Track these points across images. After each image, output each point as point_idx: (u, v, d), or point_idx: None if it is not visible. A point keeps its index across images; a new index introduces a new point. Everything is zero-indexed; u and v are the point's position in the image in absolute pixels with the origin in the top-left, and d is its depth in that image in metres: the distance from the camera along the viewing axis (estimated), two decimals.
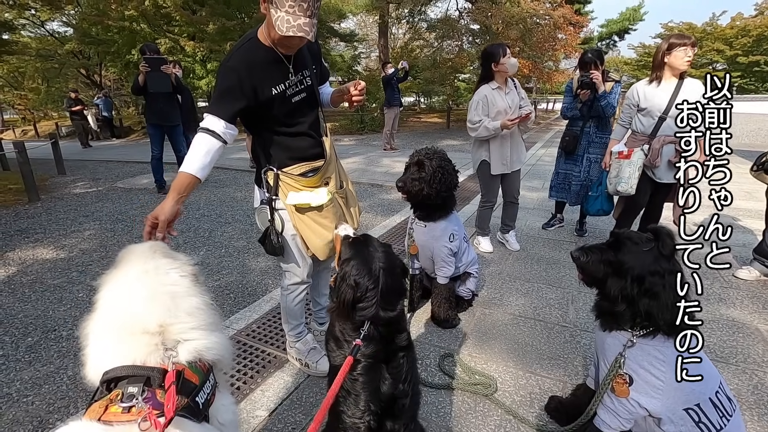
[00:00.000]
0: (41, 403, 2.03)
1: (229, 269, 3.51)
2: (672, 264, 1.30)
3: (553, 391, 1.99)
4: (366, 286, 1.28)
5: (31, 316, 2.81)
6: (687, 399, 1.30)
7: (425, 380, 2.05)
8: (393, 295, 1.32)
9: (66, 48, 18.02)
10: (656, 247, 1.32)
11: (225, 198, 5.88)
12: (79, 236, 4.35)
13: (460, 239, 2.50)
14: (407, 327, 1.40)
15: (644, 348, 1.35)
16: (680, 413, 1.30)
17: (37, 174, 6.49)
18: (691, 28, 23.23)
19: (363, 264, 1.31)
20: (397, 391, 1.22)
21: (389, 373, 1.24)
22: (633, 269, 1.32)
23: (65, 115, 25.99)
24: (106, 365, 0.98)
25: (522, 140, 3.54)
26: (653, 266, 1.30)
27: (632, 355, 1.36)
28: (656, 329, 1.32)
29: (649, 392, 1.32)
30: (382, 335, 1.28)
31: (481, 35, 15.01)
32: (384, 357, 1.27)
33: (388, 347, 1.29)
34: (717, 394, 1.32)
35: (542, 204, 5.18)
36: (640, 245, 1.34)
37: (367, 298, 1.28)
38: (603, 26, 27.89)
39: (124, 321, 1.03)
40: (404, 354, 1.30)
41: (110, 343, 1.02)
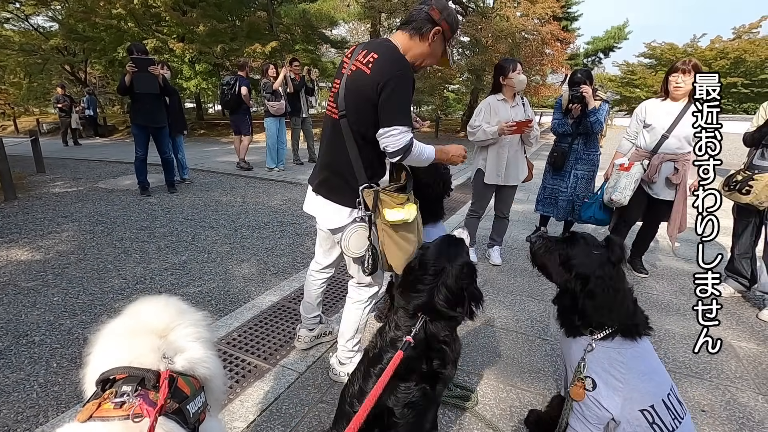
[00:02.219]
0: (9, 412, 1.95)
1: (211, 275, 3.46)
2: (616, 272, 1.40)
3: (533, 404, 2.01)
4: (431, 268, 1.43)
5: (2, 320, 2.71)
6: (642, 400, 1.34)
7: None
8: (453, 293, 1.42)
9: (50, 43, 17.59)
10: (605, 254, 1.41)
11: (210, 202, 5.80)
12: (57, 237, 4.23)
13: None
14: (446, 359, 1.41)
15: (605, 351, 1.40)
16: (636, 414, 1.34)
17: (14, 171, 6.31)
18: (673, 48, 24.02)
19: (439, 253, 1.49)
20: (396, 409, 1.22)
21: (399, 392, 1.25)
22: (579, 266, 1.42)
23: (46, 111, 25.41)
24: (105, 366, 1.02)
25: (525, 158, 3.51)
26: (598, 270, 1.39)
27: (594, 358, 1.41)
28: (614, 332, 1.40)
29: (610, 394, 1.37)
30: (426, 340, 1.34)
31: (471, 48, 15.24)
32: (402, 374, 1.28)
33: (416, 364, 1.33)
34: (669, 396, 1.37)
35: (527, 216, 5.25)
36: (590, 247, 1.44)
37: (425, 280, 1.42)
38: (589, 43, 28.67)
39: (132, 324, 1.11)
40: (426, 384, 1.32)
41: (114, 344, 1.08)
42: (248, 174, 7.73)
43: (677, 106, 3.11)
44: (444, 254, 1.50)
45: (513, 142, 3.39)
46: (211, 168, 8.34)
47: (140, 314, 1.15)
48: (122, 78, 5.50)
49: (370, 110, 1.66)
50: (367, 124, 1.70)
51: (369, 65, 1.65)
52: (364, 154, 1.76)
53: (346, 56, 1.82)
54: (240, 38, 14.71)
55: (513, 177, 3.47)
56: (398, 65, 1.65)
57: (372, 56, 1.66)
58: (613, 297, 1.39)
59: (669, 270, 3.68)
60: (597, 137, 3.82)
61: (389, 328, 1.42)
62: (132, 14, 13.69)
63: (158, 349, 1.06)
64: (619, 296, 1.40)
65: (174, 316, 1.16)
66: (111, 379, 1.00)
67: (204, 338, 1.19)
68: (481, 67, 14.31)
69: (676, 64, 3.07)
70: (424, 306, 1.39)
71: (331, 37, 20.45)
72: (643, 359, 1.39)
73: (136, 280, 3.33)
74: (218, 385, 1.21)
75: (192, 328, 1.17)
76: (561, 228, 4.23)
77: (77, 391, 2.09)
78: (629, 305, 1.43)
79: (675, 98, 3.12)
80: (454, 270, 1.45)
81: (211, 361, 1.18)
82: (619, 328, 1.39)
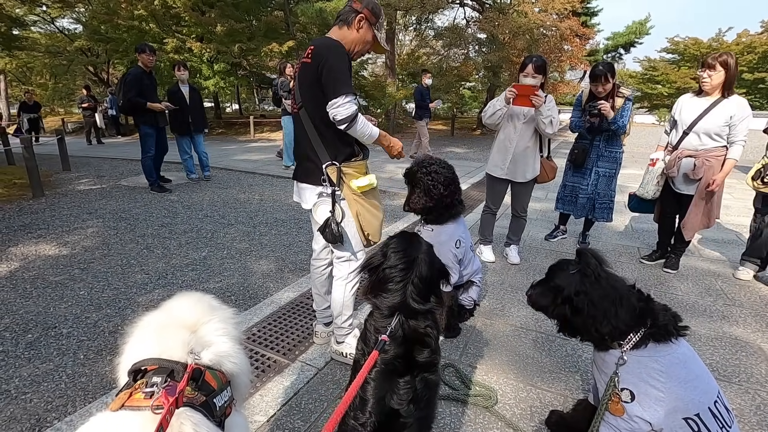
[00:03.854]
0: (39, 401, 2.02)
1: (231, 271, 3.51)
2: (595, 280, 1.39)
3: (554, 405, 1.98)
4: (398, 265, 1.38)
5: (32, 312, 2.81)
6: (687, 409, 1.29)
7: None
8: (425, 287, 1.39)
9: (75, 45, 18.14)
10: (583, 268, 1.42)
11: (228, 199, 5.89)
12: (82, 233, 4.36)
13: (466, 246, 2.48)
14: (434, 346, 1.36)
15: (641, 360, 1.35)
16: (680, 422, 1.30)
17: (42, 170, 6.52)
18: (697, 43, 23.29)
19: (403, 245, 1.44)
20: (403, 409, 1.20)
21: (401, 389, 1.22)
22: (563, 291, 1.43)
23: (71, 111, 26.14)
24: (138, 357, 1.05)
25: (537, 156, 3.40)
26: (578, 286, 1.40)
27: (630, 369, 1.36)
28: (644, 338, 1.35)
29: (651, 405, 1.32)
30: (407, 336, 1.30)
31: (488, 44, 15.09)
32: (402, 369, 1.27)
33: (408, 357, 1.30)
34: (716, 404, 1.31)
35: (545, 215, 5.18)
36: (567, 269, 1.46)
37: (395, 278, 1.37)
38: (609, 39, 27.99)
39: (165, 318, 1.16)
40: (424, 375, 1.29)
41: (147, 336, 1.12)
42: (266, 172, 7.82)
43: (706, 102, 3.09)
44: (407, 248, 1.44)
45: (523, 137, 3.30)
46: (229, 166, 8.46)
47: (173, 309, 1.19)
48: (143, 103, 5.69)
49: (319, 94, 1.87)
50: (321, 108, 1.89)
51: (309, 56, 1.90)
52: (325, 136, 1.96)
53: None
54: (257, 38, 14.86)
55: (520, 173, 3.38)
56: (330, 45, 1.89)
57: (310, 49, 1.92)
58: (601, 305, 1.37)
59: (694, 270, 3.58)
60: (620, 136, 3.73)
61: (370, 333, 1.38)
62: (153, 15, 13.98)
63: (187, 343, 1.09)
64: (607, 302, 1.37)
65: (204, 312, 1.20)
66: (143, 369, 1.03)
67: (232, 334, 1.22)
68: (497, 64, 14.17)
69: (706, 58, 3.04)
70: (399, 305, 1.35)
71: None
72: (683, 365, 1.33)
73: (158, 275, 3.40)
74: (244, 381, 1.23)
75: (221, 324, 1.19)
76: (581, 226, 4.15)
77: (104, 383, 2.15)
78: (632, 305, 1.37)
79: (706, 93, 3.10)
80: (425, 258, 1.42)
81: (238, 356, 1.20)
82: (648, 333, 1.34)
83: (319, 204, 2.03)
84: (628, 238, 4.45)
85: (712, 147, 3.05)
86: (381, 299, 1.38)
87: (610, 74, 3.46)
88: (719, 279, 3.42)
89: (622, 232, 4.63)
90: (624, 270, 3.57)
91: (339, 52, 1.87)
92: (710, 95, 3.08)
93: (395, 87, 16.56)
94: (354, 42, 1.97)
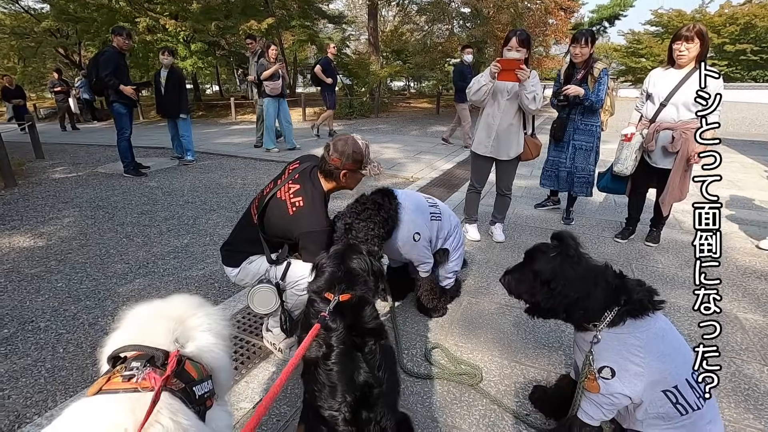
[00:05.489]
0: (18, 397, 1.97)
1: (214, 258, 3.45)
2: (577, 262, 1.38)
3: (537, 380, 2.01)
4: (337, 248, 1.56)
5: (7, 306, 2.73)
6: (665, 381, 1.32)
7: (411, 370, 2.05)
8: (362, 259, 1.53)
9: (42, 26, 17.20)
10: (562, 251, 1.40)
11: (210, 184, 5.76)
12: (58, 223, 4.22)
13: (426, 229, 2.30)
14: (374, 305, 1.47)
15: (620, 337, 1.36)
16: (659, 395, 1.32)
17: (13, 158, 6.26)
18: (681, 15, 23.28)
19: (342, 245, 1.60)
20: (371, 379, 1.22)
21: (363, 361, 1.24)
22: (543, 274, 1.40)
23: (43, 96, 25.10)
24: (119, 345, 1.06)
25: (521, 133, 3.34)
26: (557, 269, 1.38)
27: (609, 347, 1.37)
28: (620, 315, 1.35)
29: (631, 380, 1.34)
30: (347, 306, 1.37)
31: (472, 19, 14.83)
32: (356, 342, 1.29)
33: (357, 326, 1.34)
34: (693, 375, 1.34)
35: (530, 192, 5.19)
36: (547, 253, 1.43)
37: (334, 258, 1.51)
38: (594, 12, 27.80)
39: (152, 310, 1.18)
40: (376, 339, 1.32)
41: (131, 326, 1.14)
42: (248, 155, 7.66)
43: (680, 74, 3.08)
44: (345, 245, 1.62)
45: (507, 114, 3.25)
46: (210, 150, 8.26)
47: (161, 302, 1.22)
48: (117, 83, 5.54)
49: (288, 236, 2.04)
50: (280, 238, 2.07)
51: (293, 207, 1.97)
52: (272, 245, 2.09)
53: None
54: (235, 15, 14.30)
55: (504, 151, 3.35)
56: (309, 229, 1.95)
57: (297, 199, 1.97)
58: (580, 286, 1.35)
59: (674, 243, 3.65)
60: (596, 110, 3.73)
61: (310, 317, 1.44)
62: None
63: (172, 332, 1.11)
64: (586, 283, 1.36)
65: (192, 307, 1.22)
66: (122, 357, 1.03)
67: (215, 330, 1.22)
68: (482, 39, 13.95)
69: (680, 31, 3.02)
70: (334, 275, 1.46)
71: (328, 12, 19.89)
72: (662, 339, 1.34)
73: (138, 264, 3.33)
74: (224, 377, 1.23)
75: (205, 319, 1.21)
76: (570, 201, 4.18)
77: (84, 376, 2.11)
78: (607, 284, 1.37)
79: (680, 65, 3.08)
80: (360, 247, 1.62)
81: (218, 350, 1.20)
82: (624, 310, 1.34)
83: (261, 291, 2.02)
84: (610, 212, 4.49)
85: (688, 119, 3.06)
86: (319, 277, 1.49)
87: (591, 39, 3.51)
88: None
89: (605, 207, 4.67)
90: (606, 245, 3.62)
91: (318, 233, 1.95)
92: (683, 68, 3.07)
93: (379, 65, 16.24)
94: (345, 186, 2.09)
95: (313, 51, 25.95)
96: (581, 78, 3.59)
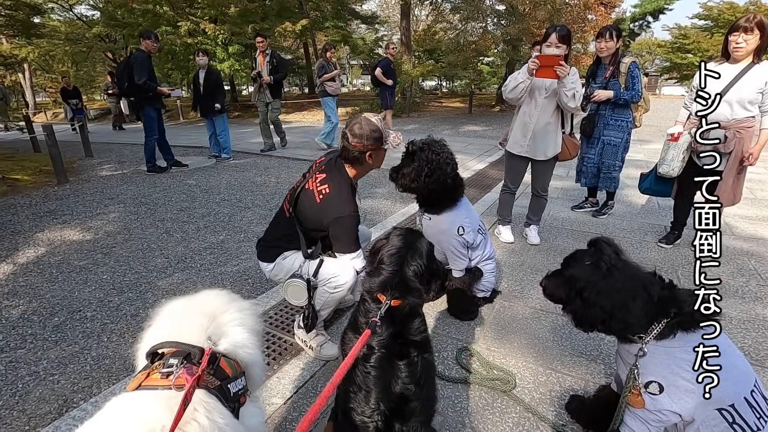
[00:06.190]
0: (66, 383, 2.08)
1: (248, 254, 3.53)
2: (609, 270, 1.32)
3: (575, 389, 1.93)
4: (398, 245, 1.43)
5: (58, 296, 2.89)
6: (720, 399, 1.22)
7: (441, 373, 2.01)
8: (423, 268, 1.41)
9: (93, 31, 18.28)
10: (597, 258, 1.35)
11: (245, 183, 5.91)
12: (104, 218, 4.45)
13: (473, 229, 2.36)
14: (423, 317, 1.40)
15: (669, 351, 1.27)
16: (713, 414, 1.23)
17: (65, 156, 6.67)
18: (733, 7, 21.90)
19: (405, 233, 1.50)
20: (408, 392, 1.18)
21: (403, 372, 1.20)
22: (576, 282, 1.37)
23: (93, 98, 26.63)
24: (157, 341, 1.09)
25: (559, 132, 3.22)
26: (590, 277, 1.34)
27: (658, 361, 1.29)
28: (671, 328, 1.27)
29: (681, 396, 1.25)
30: (397, 315, 1.30)
31: (507, 16, 14.50)
32: (399, 351, 1.24)
33: (403, 336, 1.29)
34: (753, 394, 1.24)
35: (567, 193, 5.02)
36: (581, 259, 1.39)
37: (393, 257, 1.40)
38: (636, 6, 26.56)
39: (186, 305, 1.21)
40: (419, 352, 1.27)
41: (167, 321, 1.16)
42: (281, 154, 7.81)
43: (735, 69, 2.86)
44: (408, 234, 1.52)
45: (545, 112, 3.14)
46: (246, 149, 8.48)
47: (195, 298, 1.24)
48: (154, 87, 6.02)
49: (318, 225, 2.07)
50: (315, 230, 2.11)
51: (319, 195, 2.01)
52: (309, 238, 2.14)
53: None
54: (270, 18, 14.67)
55: (540, 151, 3.24)
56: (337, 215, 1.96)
57: (325, 187, 2.01)
58: (614, 297, 1.29)
59: (726, 249, 3.41)
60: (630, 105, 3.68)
61: (360, 320, 1.38)
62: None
63: (205, 329, 1.13)
64: (621, 294, 1.29)
65: (224, 303, 1.23)
66: (160, 353, 1.06)
67: (248, 325, 1.23)
68: (517, 36, 13.63)
69: (739, 21, 2.81)
70: (390, 280, 1.36)
71: (361, 13, 20.02)
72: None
73: (177, 259, 3.46)
74: (257, 373, 1.24)
75: (238, 314, 1.22)
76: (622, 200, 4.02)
77: (126, 365, 2.21)
78: (648, 296, 1.29)
79: (736, 59, 2.86)
80: (425, 246, 1.48)
81: (252, 347, 1.21)
82: (675, 323, 1.26)
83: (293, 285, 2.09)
84: (654, 215, 4.27)
85: (743, 117, 2.86)
86: (375, 277, 1.40)
87: (616, 34, 3.48)
88: (753, 258, 3.26)
89: (648, 210, 4.45)
90: (650, 251, 3.44)
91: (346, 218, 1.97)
92: (739, 61, 2.85)
93: (411, 64, 16.18)
94: (370, 168, 2.13)
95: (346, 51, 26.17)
96: (609, 75, 3.51)
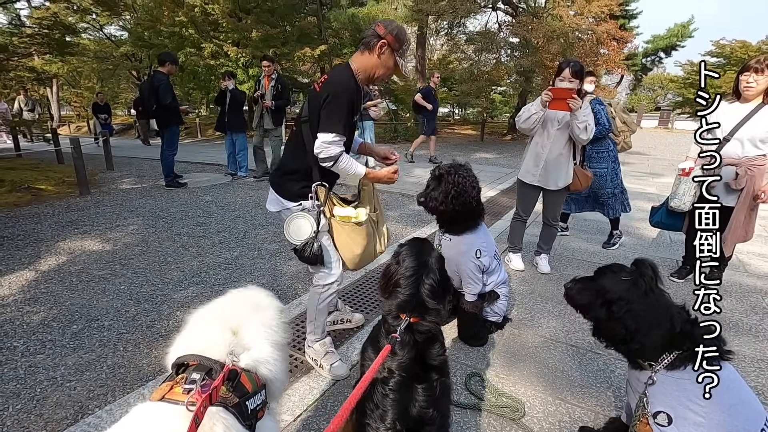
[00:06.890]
0: (82, 389, 2.13)
1: (261, 271, 3.59)
2: (645, 292, 1.34)
3: (584, 421, 1.92)
4: (411, 266, 1.43)
5: (77, 304, 2.97)
6: None
7: (450, 398, 2.02)
8: (437, 285, 1.42)
9: (120, 51, 19.08)
10: (636, 277, 1.37)
11: (260, 200, 6.04)
12: (123, 230, 4.57)
13: (489, 256, 2.44)
14: (442, 340, 1.41)
15: (680, 383, 1.29)
16: None
17: (88, 169, 6.88)
18: (745, 46, 22.11)
19: (415, 249, 1.49)
20: (426, 416, 1.20)
21: (421, 395, 1.22)
22: (607, 293, 1.38)
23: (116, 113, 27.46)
24: (183, 351, 1.13)
25: (571, 163, 3.29)
26: (624, 293, 1.36)
27: (668, 391, 1.30)
28: (682, 359, 1.29)
29: (690, 429, 1.26)
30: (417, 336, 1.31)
31: (521, 49, 14.84)
32: (418, 374, 1.27)
33: (422, 359, 1.30)
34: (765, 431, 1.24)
35: (578, 224, 5.04)
36: (618, 274, 1.42)
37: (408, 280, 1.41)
38: (649, 42, 27.01)
39: (213, 313, 1.23)
40: (438, 377, 1.29)
41: (195, 331, 1.19)
42: None
43: (746, 108, 2.94)
44: (419, 251, 1.50)
45: (557, 143, 3.22)
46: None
47: (222, 304, 1.26)
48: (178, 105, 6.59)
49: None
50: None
51: (320, 84, 1.97)
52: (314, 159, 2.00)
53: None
54: (291, 43, 15.18)
55: (552, 180, 3.31)
56: (340, 82, 1.92)
57: (324, 77, 2.00)
58: (641, 319, 1.32)
59: (738, 286, 3.40)
60: (607, 136, 3.89)
61: (381, 337, 1.40)
62: (192, 21, 14.53)
63: (228, 344, 1.13)
64: (648, 318, 1.32)
65: (249, 313, 1.24)
66: (185, 364, 1.08)
67: (273, 339, 1.23)
68: (530, 68, 13.89)
69: (750, 62, 2.90)
70: (409, 303, 1.38)
71: None
72: (728, 390, 1.26)
73: (192, 273, 3.53)
74: (278, 387, 1.25)
75: (262, 328, 1.22)
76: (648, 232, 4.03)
77: (140, 374, 2.25)
78: (671, 326, 1.31)
79: (747, 99, 2.94)
80: (436, 262, 1.48)
81: (275, 363, 1.21)
82: (687, 355, 1.28)
83: (298, 218, 2.03)
84: (665, 249, 4.27)
85: (754, 155, 2.91)
86: (392, 300, 1.42)
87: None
88: (766, 296, 3.23)
89: (660, 243, 4.44)
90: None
91: (342, 92, 1.89)
92: (750, 101, 2.93)
93: None
94: (375, 67, 1.98)
95: None
96: None
